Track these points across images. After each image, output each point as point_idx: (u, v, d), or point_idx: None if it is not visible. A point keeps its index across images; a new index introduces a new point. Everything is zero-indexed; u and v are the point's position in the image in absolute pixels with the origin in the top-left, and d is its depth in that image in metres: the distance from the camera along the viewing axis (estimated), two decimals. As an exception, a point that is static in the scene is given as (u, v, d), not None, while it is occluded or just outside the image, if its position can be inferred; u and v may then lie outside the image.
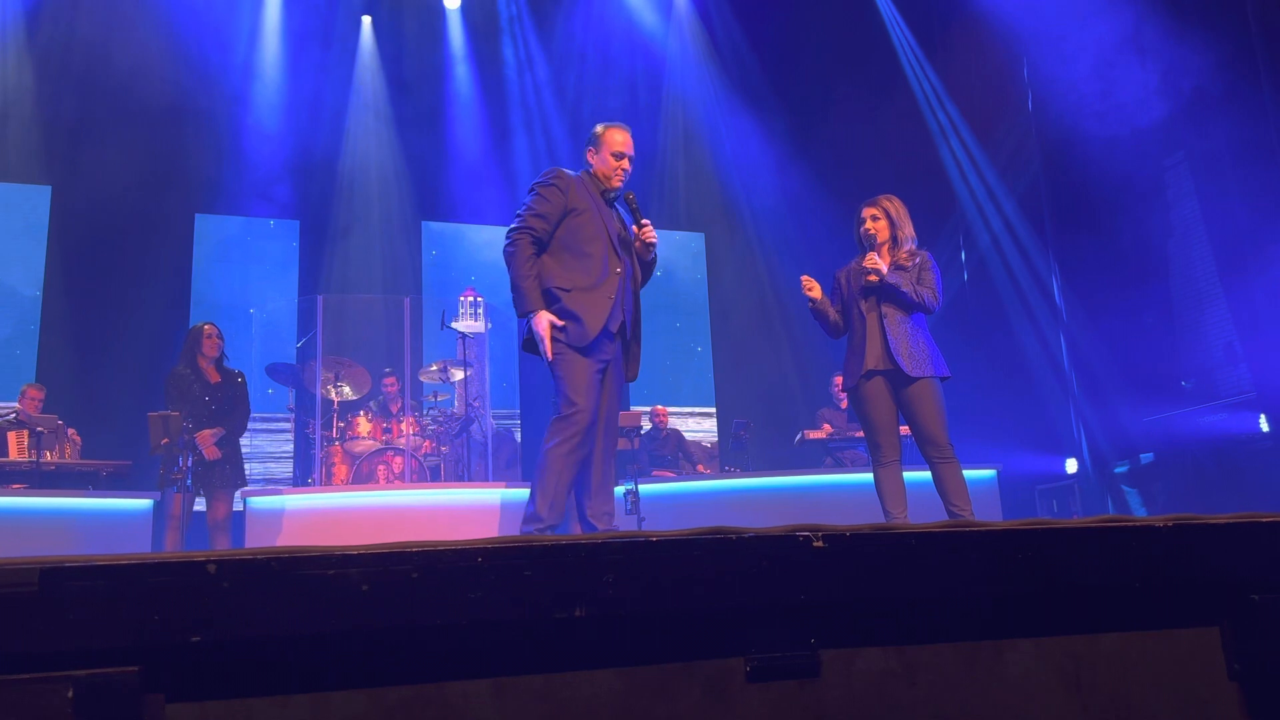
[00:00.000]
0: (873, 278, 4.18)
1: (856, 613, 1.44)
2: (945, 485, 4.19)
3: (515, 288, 3.58)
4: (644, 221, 3.74)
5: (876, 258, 4.21)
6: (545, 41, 9.77)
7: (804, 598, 1.40)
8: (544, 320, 3.53)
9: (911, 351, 4.10)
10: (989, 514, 7.07)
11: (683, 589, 1.37)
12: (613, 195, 3.77)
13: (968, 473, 7.12)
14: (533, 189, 3.66)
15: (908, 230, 4.37)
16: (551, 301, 3.58)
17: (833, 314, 4.39)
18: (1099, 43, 7.59)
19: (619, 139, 3.73)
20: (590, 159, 3.77)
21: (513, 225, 3.62)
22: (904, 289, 4.12)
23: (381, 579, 1.26)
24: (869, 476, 6.95)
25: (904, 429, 4.44)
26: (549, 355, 3.54)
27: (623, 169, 3.73)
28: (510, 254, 3.58)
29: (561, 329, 3.54)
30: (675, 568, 1.36)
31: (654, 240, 3.75)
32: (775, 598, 1.39)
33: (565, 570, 1.32)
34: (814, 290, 4.37)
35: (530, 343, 3.66)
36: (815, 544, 1.42)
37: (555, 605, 1.31)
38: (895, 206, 4.42)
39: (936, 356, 4.21)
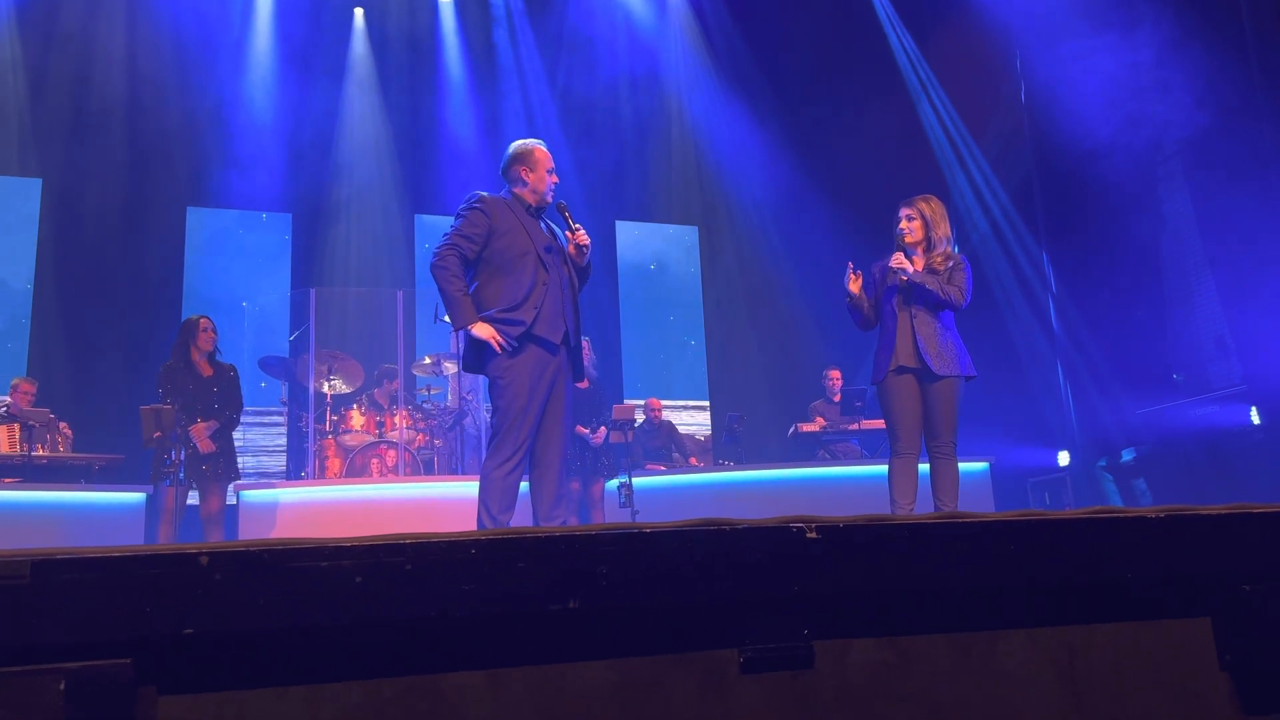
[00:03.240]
0: (902, 278, 4.27)
1: (850, 604, 1.45)
2: (943, 480, 4.29)
3: (449, 301, 3.71)
4: (576, 226, 3.78)
5: (904, 258, 4.29)
6: (539, 34, 9.75)
7: (797, 589, 1.40)
8: (484, 328, 3.64)
9: (940, 351, 4.22)
10: (982, 506, 7.08)
11: (676, 581, 1.37)
12: (542, 209, 3.85)
13: (961, 466, 7.17)
14: (459, 214, 3.78)
15: (943, 230, 4.43)
16: (503, 325, 3.69)
17: (866, 307, 4.44)
18: (1092, 38, 7.60)
19: (545, 155, 3.86)
20: (525, 176, 3.81)
21: (439, 244, 3.74)
22: (931, 288, 4.21)
23: (374, 571, 1.25)
24: (862, 469, 7.01)
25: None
26: (499, 348, 3.61)
27: (553, 183, 3.85)
28: (439, 268, 3.68)
29: (501, 346, 3.63)
30: (668, 559, 1.37)
31: (586, 243, 3.79)
32: (769, 589, 1.39)
33: (558, 562, 1.32)
34: (855, 284, 4.40)
35: (471, 361, 3.76)
36: (809, 535, 1.42)
37: (549, 597, 1.31)
38: (932, 207, 4.45)
39: (964, 356, 4.29)
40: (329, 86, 9.18)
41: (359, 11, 9.44)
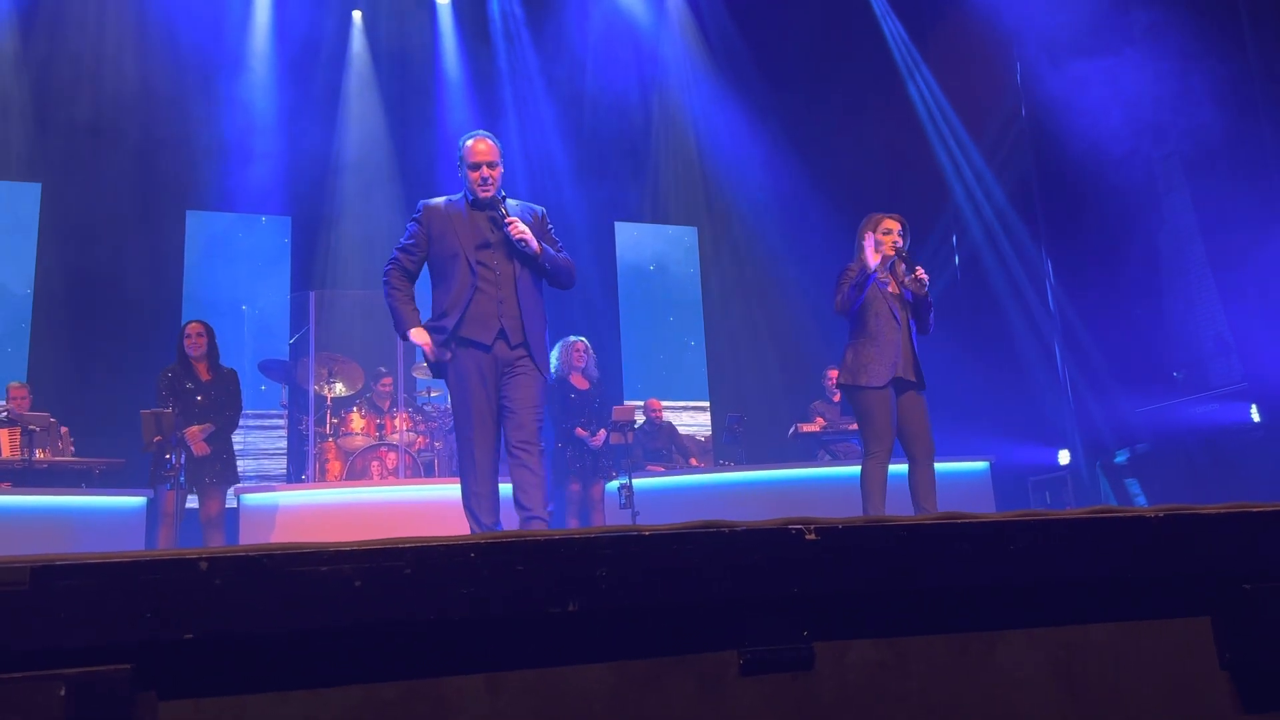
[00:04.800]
0: (924, 290, 4.52)
1: (849, 605, 1.45)
2: (925, 484, 4.48)
3: (390, 313, 3.85)
4: (508, 220, 3.75)
5: (923, 272, 4.53)
6: (537, 37, 9.74)
7: (797, 590, 1.40)
8: (419, 334, 3.77)
9: (920, 364, 4.52)
10: (982, 506, 7.08)
11: (675, 582, 1.37)
12: (488, 204, 3.83)
13: (962, 465, 7.18)
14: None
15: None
16: (431, 333, 3.78)
17: (865, 293, 4.49)
18: (1090, 35, 7.60)
19: (470, 149, 3.85)
20: (461, 174, 3.88)
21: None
22: (929, 306, 4.56)
23: (374, 575, 1.25)
24: (858, 469, 7.00)
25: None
26: (432, 357, 3.76)
27: (481, 178, 3.80)
28: (383, 284, 3.88)
29: (442, 351, 3.74)
30: (667, 561, 1.37)
31: (520, 235, 3.73)
32: (768, 591, 1.39)
33: (557, 564, 1.32)
34: (884, 257, 4.52)
35: (431, 367, 3.87)
36: (808, 536, 1.42)
37: (548, 599, 1.31)
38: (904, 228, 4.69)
39: None
40: (328, 89, 9.19)
41: (357, 15, 9.44)
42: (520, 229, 3.73)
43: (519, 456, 3.70)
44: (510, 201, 3.84)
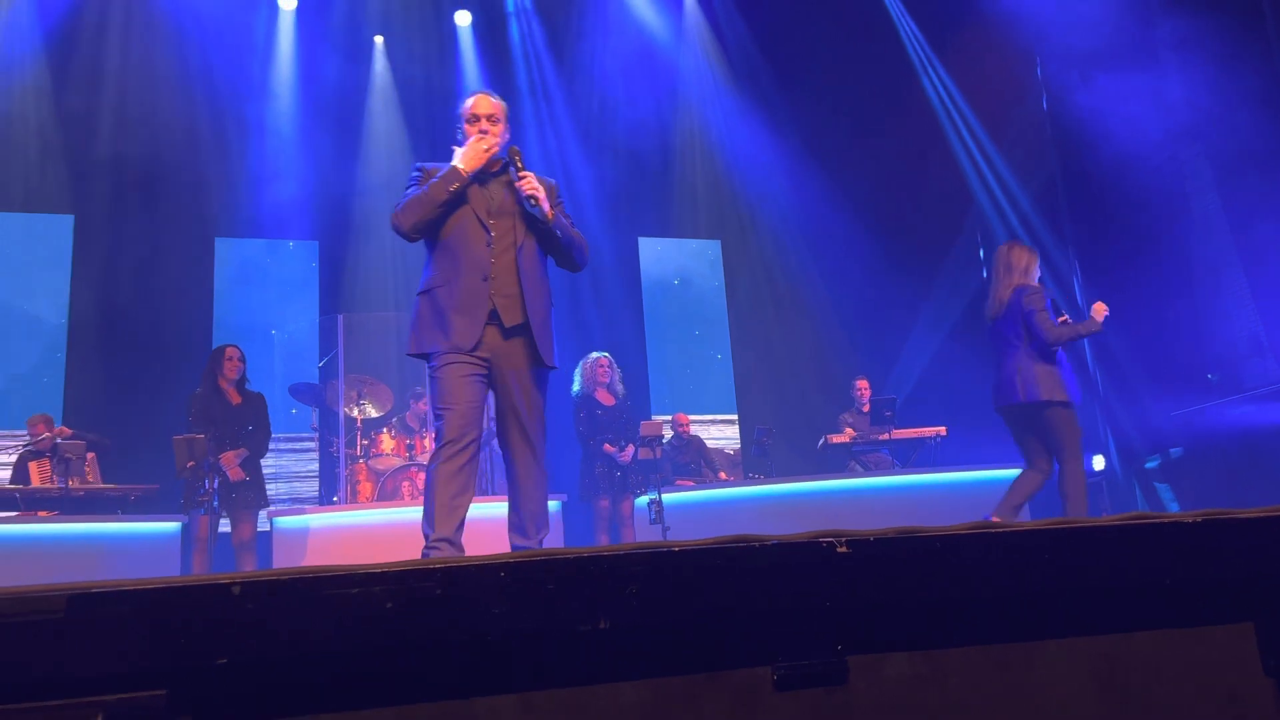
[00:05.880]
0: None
1: (883, 618, 1.43)
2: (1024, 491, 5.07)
3: (422, 198, 3.34)
4: (523, 174, 3.32)
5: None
6: (557, 56, 9.81)
7: (830, 604, 1.39)
8: (457, 153, 3.36)
9: None
10: (1017, 515, 7.00)
11: (707, 598, 1.36)
12: (497, 164, 3.43)
13: (996, 472, 7.11)
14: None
15: None
16: (422, 304, 3.38)
17: None
18: (1113, 35, 7.55)
19: (469, 104, 3.47)
20: (462, 139, 3.49)
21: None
22: None
23: (405, 596, 1.26)
24: (895, 480, 6.97)
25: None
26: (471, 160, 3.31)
27: (481, 130, 3.40)
28: (395, 220, 3.40)
29: (431, 328, 3.31)
30: (699, 577, 1.36)
31: (532, 191, 3.29)
32: (801, 605, 1.38)
33: (588, 582, 1.32)
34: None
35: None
36: (839, 549, 1.41)
37: (579, 618, 1.31)
38: None
39: None
40: (351, 113, 9.29)
41: (379, 39, 9.55)
42: (532, 184, 3.30)
43: (522, 468, 3.35)
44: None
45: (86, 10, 8.31)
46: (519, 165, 3.36)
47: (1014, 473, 7.12)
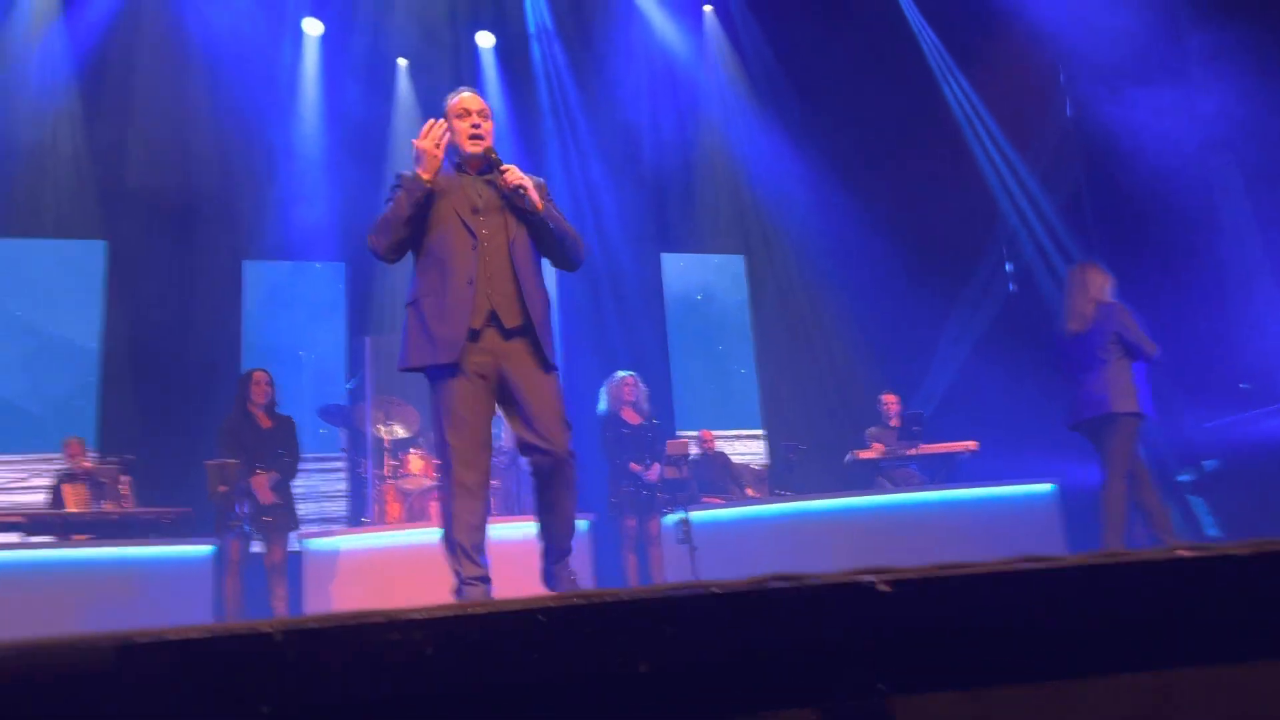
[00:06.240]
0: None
1: (927, 657, 1.41)
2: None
3: (385, 219, 3.20)
4: (504, 167, 3.20)
5: None
6: (578, 75, 9.86)
7: (871, 644, 1.37)
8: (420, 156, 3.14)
9: None
10: (1050, 530, 6.94)
11: (746, 640, 1.35)
12: (479, 164, 3.31)
13: (1027, 488, 7.03)
14: None
15: None
16: (410, 316, 3.25)
17: None
18: (1138, 42, 7.49)
19: (456, 101, 3.34)
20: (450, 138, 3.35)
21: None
22: None
23: (446, 641, 1.26)
24: (924, 496, 6.91)
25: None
26: (425, 167, 3.13)
27: (469, 127, 3.26)
28: (370, 244, 3.29)
29: (419, 341, 3.19)
30: (738, 619, 1.35)
31: (517, 183, 3.16)
32: (842, 646, 1.36)
33: (627, 625, 1.31)
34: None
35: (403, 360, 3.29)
36: (880, 588, 1.40)
37: (618, 661, 1.30)
38: None
39: None
40: (376, 134, 9.37)
41: (402, 61, 9.64)
42: (518, 175, 3.18)
43: (548, 473, 3.13)
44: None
45: (116, 39, 8.44)
46: (497, 160, 3.23)
47: (1047, 488, 7.08)
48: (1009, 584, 1.44)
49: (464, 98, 3.33)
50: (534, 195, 3.18)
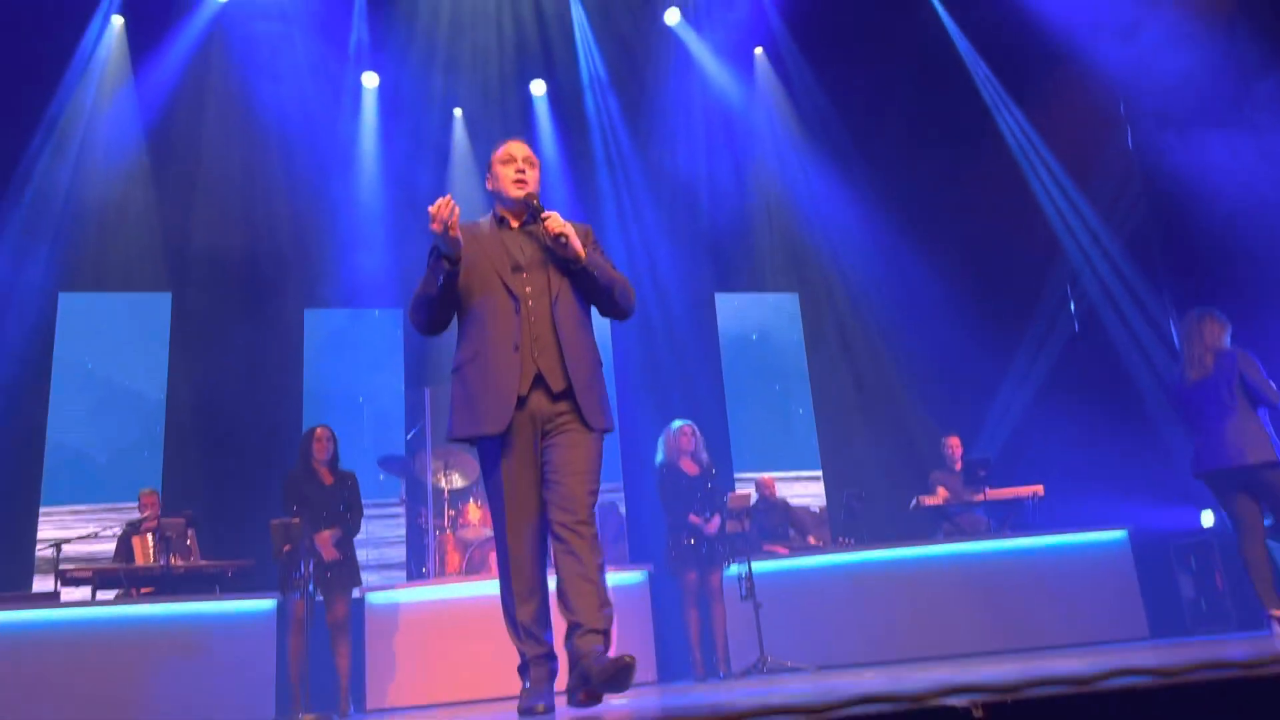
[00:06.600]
0: None
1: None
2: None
3: (420, 297, 3.18)
4: (544, 215, 3.07)
5: None
6: (631, 118, 9.92)
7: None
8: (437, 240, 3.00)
9: None
10: (1122, 578, 6.73)
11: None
12: (522, 213, 3.21)
13: (1098, 535, 6.83)
14: None
15: None
16: (456, 384, 3.16)
17: None
18: (1200, 70, 7.34)
19: (502, 149, 3.28)
20: (490, 188, 3.29)
21: None
22: None
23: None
24: (991, 545, 6.75)
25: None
26: (447, 230, 2.97)
27: (514, 173, 3.18)
28: (410, 320, 3.30)
29: (464, 411, 3.07)
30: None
31: (558, 231, 3.02)
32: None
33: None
34: None
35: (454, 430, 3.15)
36: (975, 715, 1.34)
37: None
38: None
39: None
40: (433, 183, 9.50)
41: (458, 111, 9.79)
42: (559, 223, 3.04)
43: (564, 541, 2.88)
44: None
45: (182, 98, 8.70)
46: (538, 208, 3.13)
47: (1118, 535, 6.87)
48: (1111, 706, 1.37)
49: (509, 145, 3.27)
50: (576, 244, 3.05)
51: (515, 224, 3.21)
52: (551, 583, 2.97)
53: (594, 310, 3.25)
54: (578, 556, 2.86)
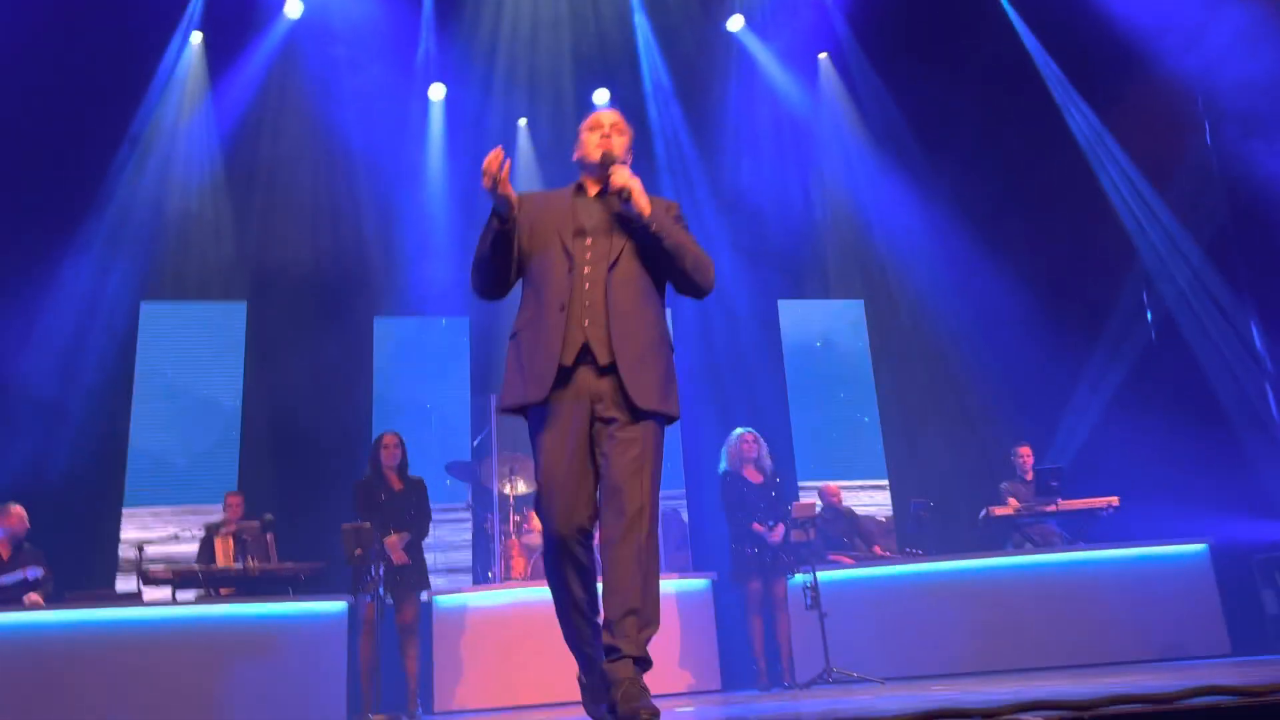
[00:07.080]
0: None
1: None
2: None
3: (480, 256, 2.97)
4: (615, 169, 2.87)
5: None
6: (694, 126, 9.94)
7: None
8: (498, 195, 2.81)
9: None
10: (1203, 593, 6.54)
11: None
12: (601, 179, 2.99)
13: (1177, 548, 6.65)
14: None
15: None
16: (510, 351, 2.93)
17: None
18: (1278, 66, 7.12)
19: (591, 116, 3.14)
20: (575, 157, 3.12)
21: None
22: None
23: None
24: (1064, 556, 6.60)
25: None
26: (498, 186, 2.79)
27: (599, 138, 3.02)
28: (472, 285, 3.07)
29: (513, 378, 2.82)
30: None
31: (621, 184, 2.80)
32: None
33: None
34: None
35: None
36: (1052, 732, 1.31)
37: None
38: None
39: None
40: (497, 191, 9.61)
41: (522, 121, 9.92)
42: (624, 176, 2.82)
43: (608, 548, 2.60)
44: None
45: (257, 112, 8.96)
46: (610, 159, 2.93)
47: (1197, 548, 6.67)
48: (1194, 725, 1.34)
49: (599, 113, 3.12)
50: (641, 200, 2.79)
51: (593, 191, 3.02)
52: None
53: (669, 290, 2.99)
54: (616, 567, 2.58)
